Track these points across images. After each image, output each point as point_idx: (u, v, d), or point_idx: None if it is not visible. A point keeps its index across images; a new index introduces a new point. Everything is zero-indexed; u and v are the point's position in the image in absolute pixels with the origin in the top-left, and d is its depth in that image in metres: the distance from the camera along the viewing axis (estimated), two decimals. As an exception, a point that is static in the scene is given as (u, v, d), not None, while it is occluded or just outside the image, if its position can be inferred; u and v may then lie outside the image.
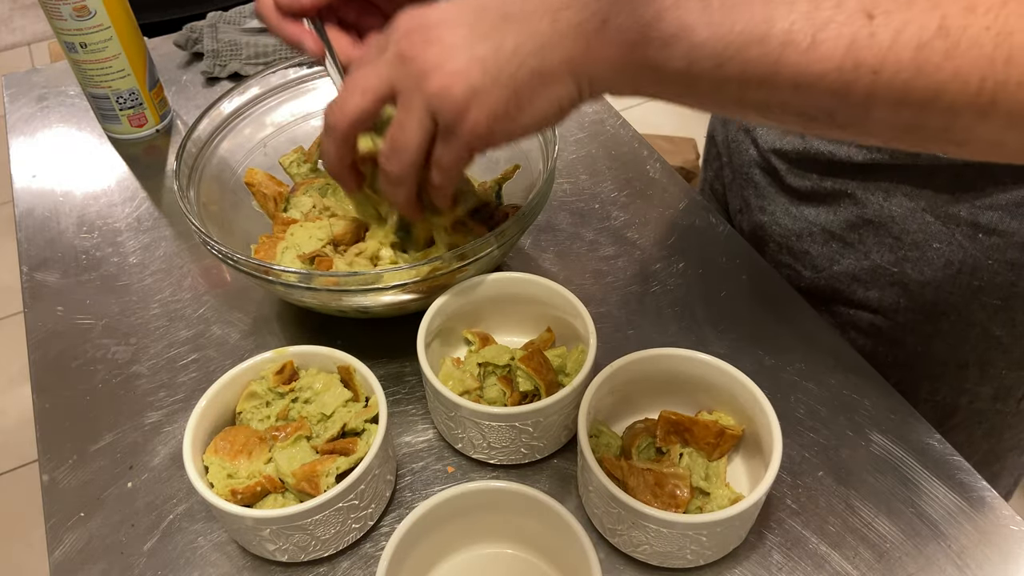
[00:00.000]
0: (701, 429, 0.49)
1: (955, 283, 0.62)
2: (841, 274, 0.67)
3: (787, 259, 0.70)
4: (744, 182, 0.73)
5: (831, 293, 0.68)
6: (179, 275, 0.67)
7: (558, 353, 0.55)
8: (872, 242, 0.64)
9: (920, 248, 0.62)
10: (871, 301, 0.66)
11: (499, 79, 0.40)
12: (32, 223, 0.73)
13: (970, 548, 0.49)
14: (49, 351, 0.62)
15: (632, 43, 0.38)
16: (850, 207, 0.64)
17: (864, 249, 0.65)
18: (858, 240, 0.65)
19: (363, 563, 0.49)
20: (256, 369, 0.52)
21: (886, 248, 0.64)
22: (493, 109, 0.41)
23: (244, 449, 0.48)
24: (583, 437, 0.46)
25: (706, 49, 0.36)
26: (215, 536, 0.51)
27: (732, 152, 0.74)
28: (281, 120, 0.69)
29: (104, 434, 0.56)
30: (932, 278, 0.62)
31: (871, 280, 0.65)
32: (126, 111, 0.78)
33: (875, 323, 0.67)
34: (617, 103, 0.86)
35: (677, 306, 0.63)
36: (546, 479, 0.53)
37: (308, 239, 0.60)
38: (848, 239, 0.65)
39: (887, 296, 0.65)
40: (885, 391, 0.57)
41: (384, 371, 0.59)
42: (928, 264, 0.62)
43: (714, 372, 0.50)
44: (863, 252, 0.65)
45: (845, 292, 0.67)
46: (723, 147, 0.78)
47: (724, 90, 0.38)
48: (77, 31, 0.72)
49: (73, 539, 0.51)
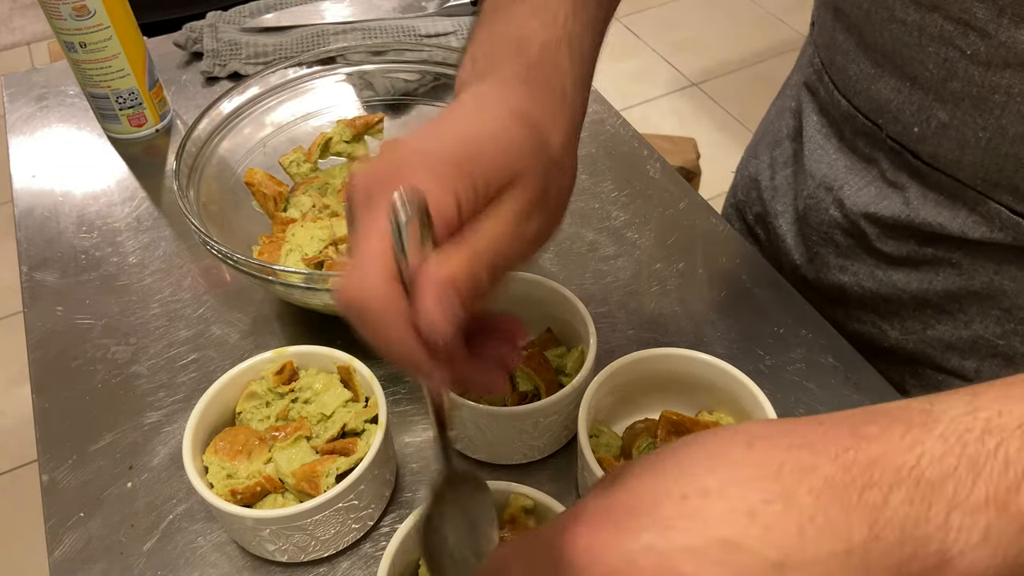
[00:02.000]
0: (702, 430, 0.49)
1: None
2: (934, 340, 0.61)
3: (870, 317, 0.64)
4: (822, 240, 0.65)
5: (920, 356, 0.62)
6: (179, 275, 0.67)
7: (558, 353, 0.55)
8: (975, 312, 0.58)
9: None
10: (967, 371, 0.60)
11: None
12: (32, 223, 0.73)
13: (970, 548, 0.48)
14: (49, 351, 0.62)
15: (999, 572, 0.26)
16: (952, 277, 0.58)
17: (965, 319, 0.59)
18: (958, 309, 0.59)
19: (363, 563, 0.49)
20: (256, 369, 0.52)
21: (992, 320, 0.58)
22: None
23: (244, 449, 0.48)
24: (583, 437, 0.46)
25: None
26: (215, 536, 0.51)
27: (808, 209, 0.66)
28: (281, 120, 0.69)
29: (104, 434, 0.56)
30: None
31: (970, 349, 0.59)
32: (126, 111, 0.78)
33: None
34: (617, 103, 0.86)
35: (677, 306, 0.63)
36: (546, 479, 0.53)
37: (310, 240, 0.60)
38: (947, 308, 0.59)
39: (987, 367, 0.59)
40: (886, 391, 0.57)
41: (384, 371, 0.59)
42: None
43: (714, 372, 0.50)
44: (963, 322, 0.59)
45: (936, 358, 0.61)
46: (770, 192, 0.72)
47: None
48: (77, 31, 0.72)
49: (73, 539, 0.51)
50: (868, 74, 0.57)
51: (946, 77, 0.51)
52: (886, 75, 0.55)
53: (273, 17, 0.90)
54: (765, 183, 0.73)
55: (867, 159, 0.60)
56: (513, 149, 0.35)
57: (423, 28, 0.86)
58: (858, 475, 0.27)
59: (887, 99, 0.56)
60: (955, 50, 0.49)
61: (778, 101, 0.75)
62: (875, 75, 0.56)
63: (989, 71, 0.48)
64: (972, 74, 0.49)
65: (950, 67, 0.50)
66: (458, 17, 0.88)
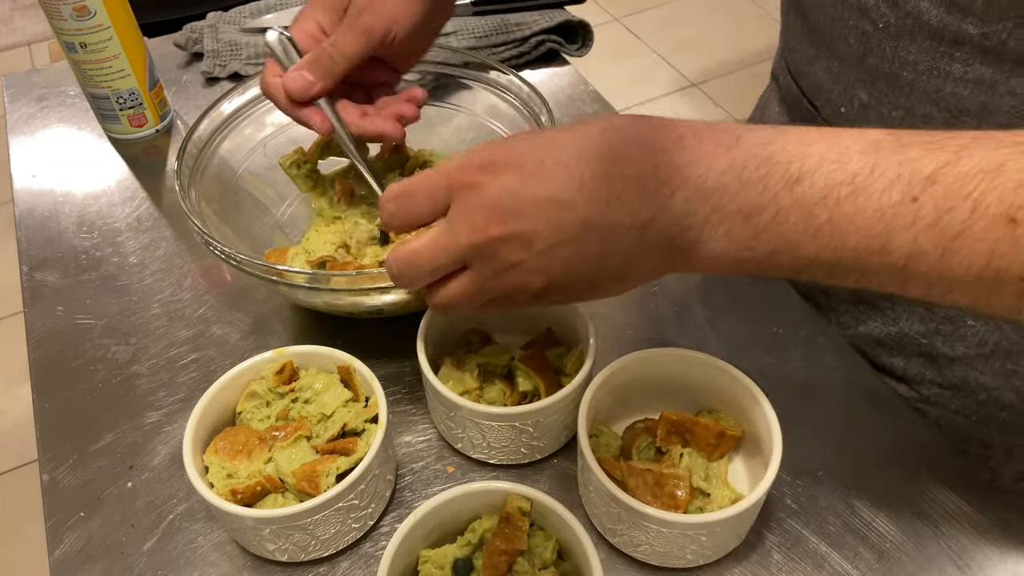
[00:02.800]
0: (702, 430, 0.49)
1: (987, 363, 0.59)
2: (866, 336, 0.64)
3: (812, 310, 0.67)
4: None
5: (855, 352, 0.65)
6: (179, 275, 0.67)
7: (558, 353, 0.55)
8: (901, 310, 0.61)
9: (954, 323, 0.59)
10: (896, 368, 0.63)
11: (581, 276, 0.40)
12: (32, 223, 0.73)
13: (970, 548, 0.49)
14: (49, 351, 0.62)
15: (732, 261, 0.37)
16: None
17: (893, 316, 0.62)
18: (888, 306, 0.62)
19: (363, 563, 0.49)
20: (256, 369, 0.52)
21: (916, 318, 0.61)
22: (571, 294, 0.41)
23: (244, 449, 0.48)
24: (583, 437, 0.46)
25: (817, 261, 0.36)
26: (215, 536, 0.51)
27: None
28: (281, 120, 0.69)
29: (104, 434, 0.56)
30: (963, 355, 0.59)
31: (897, 347, 0.63)
32: (126, 111, 0.78)
33: (898, 390, 0.63)
34: (617, 103, 0.86)
35: (677, 306, 0.63)
36: (546, 479, 0.53)
37: (323, 244, 0.60)
38: (878, 304, 0.63)
39: (912, 366, 0.62)
40: (886, 392, 0.57)
41: (384, 371, 0.59)
42: (961, 340, 0.59)
43: (714, 372, 0.50)
44: (891, 318, 0.62)
45: (870, 354, 0.64)
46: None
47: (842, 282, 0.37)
48: (77, 31, 0.72)
49: (73, 539, 0.51)
50: (809, 55, 0.60)
51: (864, 53, 0.54)
52: (822, 55, 0.58)
53: (273, 17, 0.90)
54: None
55: None
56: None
57: (423, 28, 0.86)
58: (662, 174, 0.37)
59: (821, 80, 0.59)
60: (869, 22, 0.52)
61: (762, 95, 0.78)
62: (814, 55, 0.60)
63: (899, 45, 0.51)
64: (884, 48, 0.52)
65: (866, 41, 0.53)
66: (458, 17, 0.88)
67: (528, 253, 0.39)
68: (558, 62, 0.87)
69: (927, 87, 0.51)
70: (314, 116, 0.57)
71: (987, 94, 0.49)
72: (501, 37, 0.85)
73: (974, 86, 0.49)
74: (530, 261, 0.39)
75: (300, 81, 0.56)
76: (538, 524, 0.46)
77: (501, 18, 0.87)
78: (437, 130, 0.72)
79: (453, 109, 0.71)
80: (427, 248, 0.42)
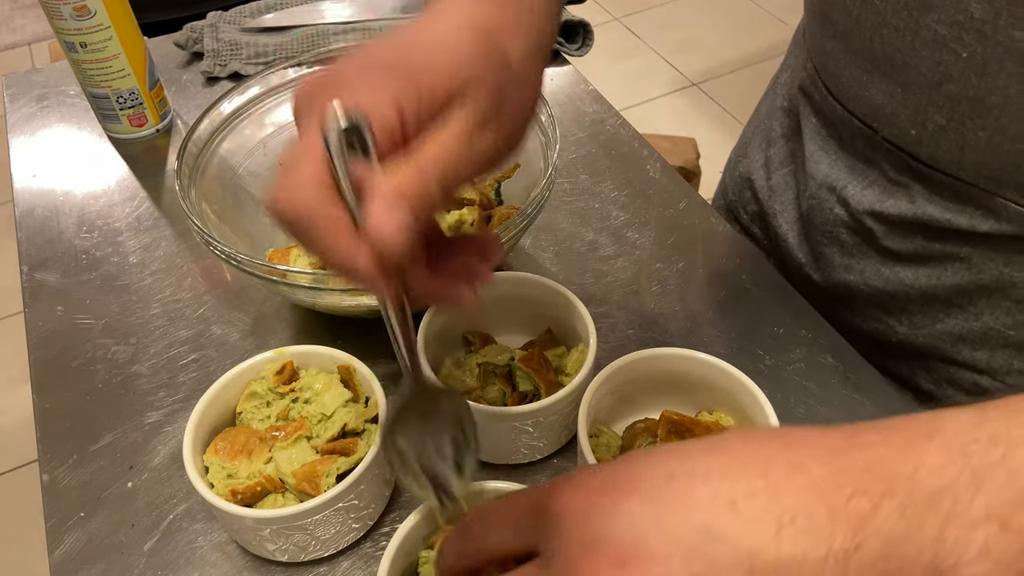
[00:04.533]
0: (702, 431, 0.49)
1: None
2: (944, 333, 0.61)
3: (878, 314, 0.64)
4: (827, 239, 0.65)
5: (930, 350, 0.62)
6: (179, 275, 0.67)
7: (558, 353, 0.55)
8: (985, 305, 0.58)
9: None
10: (978, 362, 0.60)
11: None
12: (32, 223, 0.73)
13: (970, 548, 0.48)
14: (49, 351, 0.62)
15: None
16: (961, 271, 0.58)
17: (975, 311, 0.59)
18: (968, 303, 0.59)
19: (363, 563, 0.49)
20: (256, 369, 0.52)
21: (1002, 311, 0.58)
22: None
23: (244, 449, 0.48)
24: (583, 437, 0.46)
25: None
26: (215, 536, 0.51)
27: (811, 208, 0.65)
28: (281, 120, 0.69)
29: (104, 434, 0.56)
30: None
31: (980, 341, 0.59)
32: (126, 111, 0.78)
33: (980, 383, 0.61)
34: (617, 103, 0.86)
35: (677, 306, 0.63)
36: (546, 479, 0.53)
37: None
38: (956, 302, 0.59)
39: (997, 357, 0.59)
40: (886, 391, 0.57)
41: (384, 371, 0.59)
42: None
43: (714, 372, 0.50)
44: (974, 314, 0.59)
45: (947, 351, 0.61)
46: (766, 192, 0.72)
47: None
48: (77, 31, 0.72)
49: (73, 539, 0.51)
50: (859, 80, 0.57)
51: (940, 80, 0.51)
52: (876, 80, 0.55)
53: (273, 17, 0.90)
54: (760, 183, 0.73)
55: (867, 160, 0.60)
56: (462, 56, 0.34)
57: (423, 28, 0.86)
58: (849, 480, 0.26)
59: (880, 104, 0.56)
60: (950, 53, 0.49)
61: (768, 100, 0.75)
62: (866, 81, 0.56)
63: (985, 73, 0.48)
64: (968, 76, 0.49)
65: (944, 70, 0.50)
66: (458, 17, 0.87)
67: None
68: (558, 62, 0.87)
69: (1019, 105, 0.48)
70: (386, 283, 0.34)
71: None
72: (501, 37, 0.85)
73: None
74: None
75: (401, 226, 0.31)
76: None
77: (501, 18, 0.86)
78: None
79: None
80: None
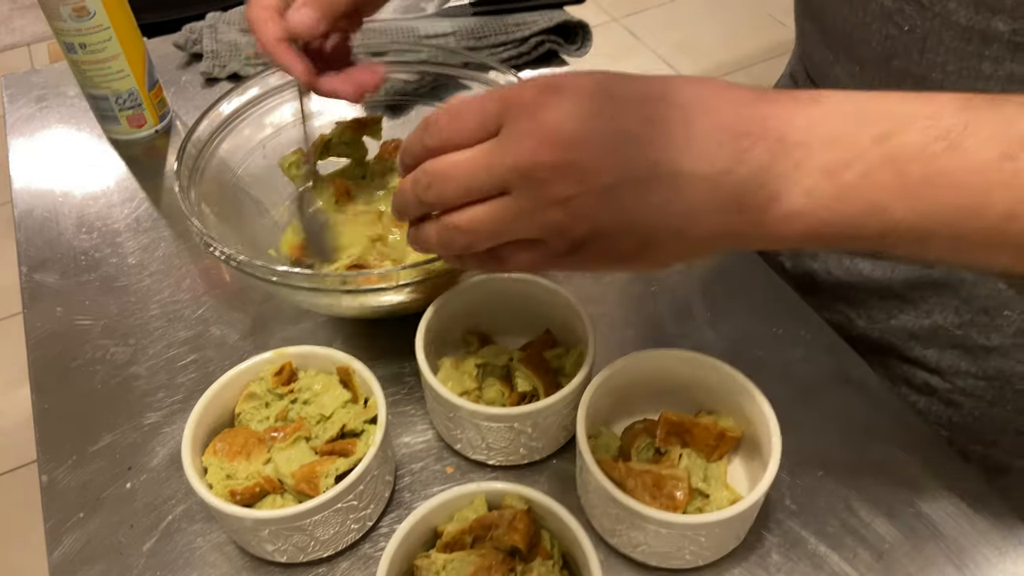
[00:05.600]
0: (702, 431, 0.49)
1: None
2: (898, 329, 0.63)
3: (839, 306, 0.66)
4: None
5: (885, 345, 0.65)
6: (178, 276, 0.67)
7: (557, 353, 0.55)
8: (935, 302, 0.60)
9: (990, 314, 0.58)
10: (928, 360, 0.62)
11: (631, 230, 0.35)
12: (31, 223, 0.73)
13: (969, 549, 0.49)
14: (48, 352, 0.62)
15: (810, 224, 0.34)
16: (911, 266, 0.60)
17: (926, 308, 0.61)
18: (919, 298, 0.61)
19: (362, 563, 0.49)
20: (255, 370, 0.52)
21: (951, 310, 0.60)
22: (611, 253, 0.37)
23: (243, 450, 0.48)
24: (582, 438, 0.46)
25: (903, 226, 0.33)
26: (214, 537, 0.51)
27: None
28: (280, 121, 0.69)
29: (103, 435, 0.56)
30: (999, 345, 0.58)
31: (930, 339, 0.62)
32: (125, 112, 0.78)
33: (930, 382, 0.63)
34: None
35: (677, 306, 0.63)
36: (545, 480, 0.53)
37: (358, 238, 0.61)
38: (909, 297, 0.62)
39: (946, 357, 0.61)
40: (886, 392, 0.57)
41: (383, 372, 0.59)
42: (996, 330, 0.58)
43: (714, 373, 0.50)
44: (924, 311, 0.61)
45: (901, 347, 0.63)
46: None
47: (921, 254, 0.35)
48: (76, 32, 0.72)
49: (72, 539, 0.51)
50: (828, 60, 0.59)
51: (888, 56, 0.53)
52: (841, 59, 0.58)
53: (272, 18, 0.90)
54: None
55: None
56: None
57: (422, 29, 0.86)
58: (743, 125, 0.34)
59: (844, 84, 0.58)
60: (894, 26, 0.51)
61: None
62: (832, 60, 0.59)
63: (926, 47, 0.50)
64: (911, 51, 0.51)
65: (891, 45, 0.52)
66: (457, 18, 0.88)
67: (581, 188, 0.34)
68: (557, 62, 0.87)
69: (957, 87, 0.50)
70: (297, 63, 0.53)
71: (1018, 88, 0.48)
72: (500, 38, 0.85)
73: (1005, 83, 0.49)
74: (581, 199, 0.34)
75: (307, 19, 0.52)
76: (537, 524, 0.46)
77: (500, 19, 0.87)
78: (436, 131, 0.71)
79: (452, 110, 0.71)
80: (468, 162, 0.37)
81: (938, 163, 0.32)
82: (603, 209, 0.35)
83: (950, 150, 0.32)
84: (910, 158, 0.32)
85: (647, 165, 0.34)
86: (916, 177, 0.32)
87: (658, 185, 0.34)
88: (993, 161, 0.32)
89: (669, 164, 0.34)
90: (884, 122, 0.33)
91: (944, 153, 0.32)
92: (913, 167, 0.32)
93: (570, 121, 0.34)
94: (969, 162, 0.32)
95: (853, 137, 0.33)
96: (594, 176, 0.34)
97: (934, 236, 0.33)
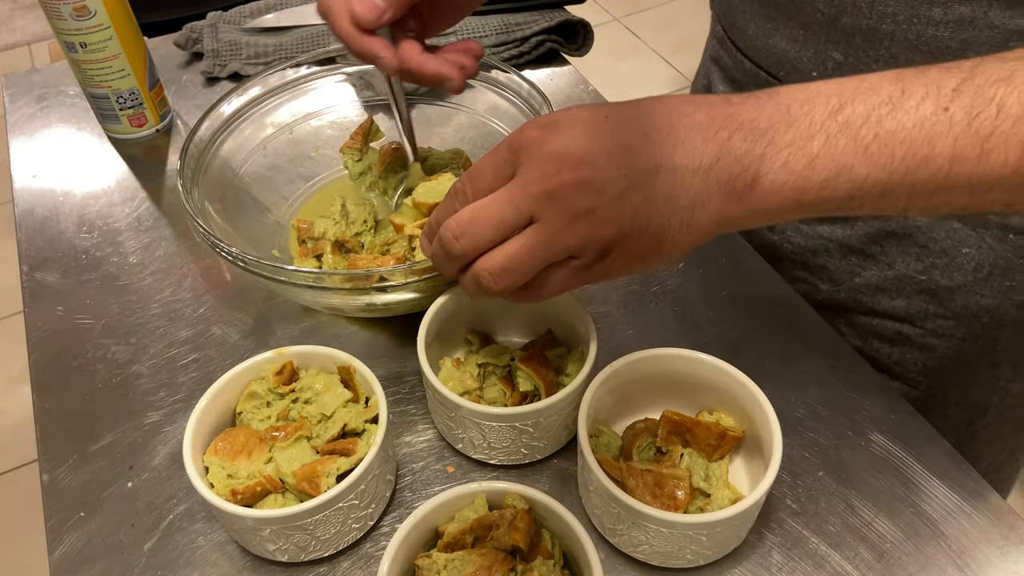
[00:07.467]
0: (703, 431, 0.49)
1: (986, 286, 0.60)
2: (863, 286, 0.65)
3: (802, 274, 0.68)
4: None
5: (852, 304, 0.67)
6: (179, 275, 0.67)
7: (558, 353, 0.55)
8: (896, 252, 0.63)
9: (949, 255, 0.61)
10: (897, 310, 0.65)
11: (648, 228, 0.40)
12: (32, 223, 0.73)
13: (970, 548, 0.49)
14: (49, 351, 0.62)
15: (790, 193, 0.39)
16: (869, 221, 0.63)
17: (887, 260, 0.63)
18: (880, 252, 0.63)
19: (363, 563, 0.49)
20: (256, 369, 0.52)
21: (912, 257, 0.62)
22: (635, 253, 0.41)
23: (244, 449, 0.48)
24: (583, 437, 0.46)
25: (868, 182, 0.38)
26: (215, 536, 0.51)
27: None
28: (281, 120, 0.69)
29: (104, 434, 0.56)
30: (962, 283, 0.61)
31: (896, 289, 0.64)
32: (126, 111, 0.78)
33: (902, 331, 0.65)
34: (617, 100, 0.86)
35: (677, 306, 0.63)
36: (546, 479, 0.53)
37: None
38: (869, 251, 0.64)
39: (914, 304, 0.64)
40: (885, 391, 0.57)
41: (384, 371, 0.59)
42: (958, 269, 0.61)
43: (714, 372, 0.50)
44: (886, 263, 0.63)
45: (867, 303, 0.66)
46: None
47: (889, 207, 0.39)
48: (77, 31, 0.72)
49: (73, 539, 0.51)
50: (765, 29, 0.62)
51: (837, 14, 0.55)
52: (781, 25, 0.60)
53: (273, 17, 0.90)
54: None
55: None
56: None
57: (423, 28, 0.86)
58: (718, 122, 0.40)
59: (784, 50, 0.60)
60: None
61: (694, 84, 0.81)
62: (771, 29, 0.61)
63: (876, 1, 0.53)
64: (860, 6, 0.54)
65: (839, 3, 0.55)
66: (458, 17, 0.88)
67: (600, 199, 0.39)
68: (558, 62, 0.87)
69: (908, 35, 0.53)
70: (382, 49, 0.52)
71: (968, 31, 0.51)
72: (501, 37, 0.85)
73: (955, 26, 0.51)
74: (602, 208, 0.39)
75: (370, 5, 0.51)
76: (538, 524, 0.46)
77: (501, 18, 0.87)
78: (437, 129, 0.72)
79: (454, 108, 0.71)
80: (493, 203, 0.41)
81: (886, 124, 0.37)
82: (621, 213, 0.39)
83: (894, 111, 0.37)
84: (862, 123, 0.38)
85: (649, 169, 0.39)
86: (870, 138, 0.38)
87: (661, 185, 0.39)
88: (931, 115, 0.37)
89: (666, 165, 0.39)
90: (834, 99, 0.39)
91: (889, 115, 0.38)
92: (865, 130, 0.38)
93: (576, 144, 0.40)
94: (911, 118, 0.37)
95: (811, 115, 0.39)
96: (607, 186, 0.39)
97: (895, 188, 0.38)
